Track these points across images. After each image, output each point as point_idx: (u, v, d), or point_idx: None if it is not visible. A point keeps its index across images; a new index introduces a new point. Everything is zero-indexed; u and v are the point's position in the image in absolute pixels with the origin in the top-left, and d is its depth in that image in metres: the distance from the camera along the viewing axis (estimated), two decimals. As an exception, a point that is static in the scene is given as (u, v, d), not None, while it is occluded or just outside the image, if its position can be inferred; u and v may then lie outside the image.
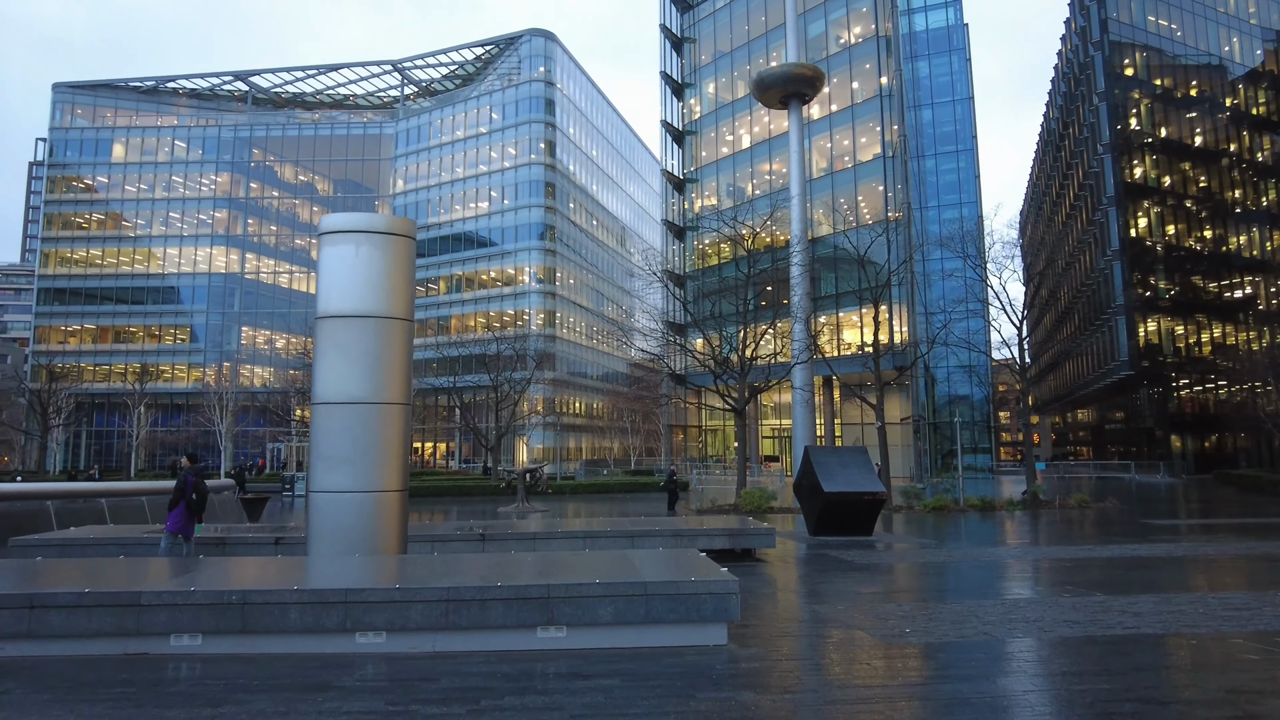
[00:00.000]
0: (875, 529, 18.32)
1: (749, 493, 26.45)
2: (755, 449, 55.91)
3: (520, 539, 12.36)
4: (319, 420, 10.28)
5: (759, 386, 31.46)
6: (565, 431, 70.48)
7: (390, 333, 10.47)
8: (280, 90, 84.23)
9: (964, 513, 25.71)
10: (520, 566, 7.71)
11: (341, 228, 10.56)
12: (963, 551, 14.77)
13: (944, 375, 58.12)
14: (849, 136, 51.13)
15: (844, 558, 13.74)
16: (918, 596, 10.10)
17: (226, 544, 12.18)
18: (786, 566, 12.79)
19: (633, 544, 12.49)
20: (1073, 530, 19.77)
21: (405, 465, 10.56)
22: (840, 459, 18.27)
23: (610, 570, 7.25)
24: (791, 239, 35.03)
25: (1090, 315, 59.87)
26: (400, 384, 10.55)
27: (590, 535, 12.51)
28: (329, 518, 10.01)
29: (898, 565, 13.01)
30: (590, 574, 7.04)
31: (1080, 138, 60.39)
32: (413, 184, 75.77)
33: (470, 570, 7.42)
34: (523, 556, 8.42)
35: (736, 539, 12.81)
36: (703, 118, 60.04)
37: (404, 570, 7.75)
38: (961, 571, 12.33)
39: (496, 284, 70.52)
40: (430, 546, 12.29)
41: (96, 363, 76.78)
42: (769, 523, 22.37)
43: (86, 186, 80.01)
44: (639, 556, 8.15)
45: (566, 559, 8.08)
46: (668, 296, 53.12)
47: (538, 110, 69.61)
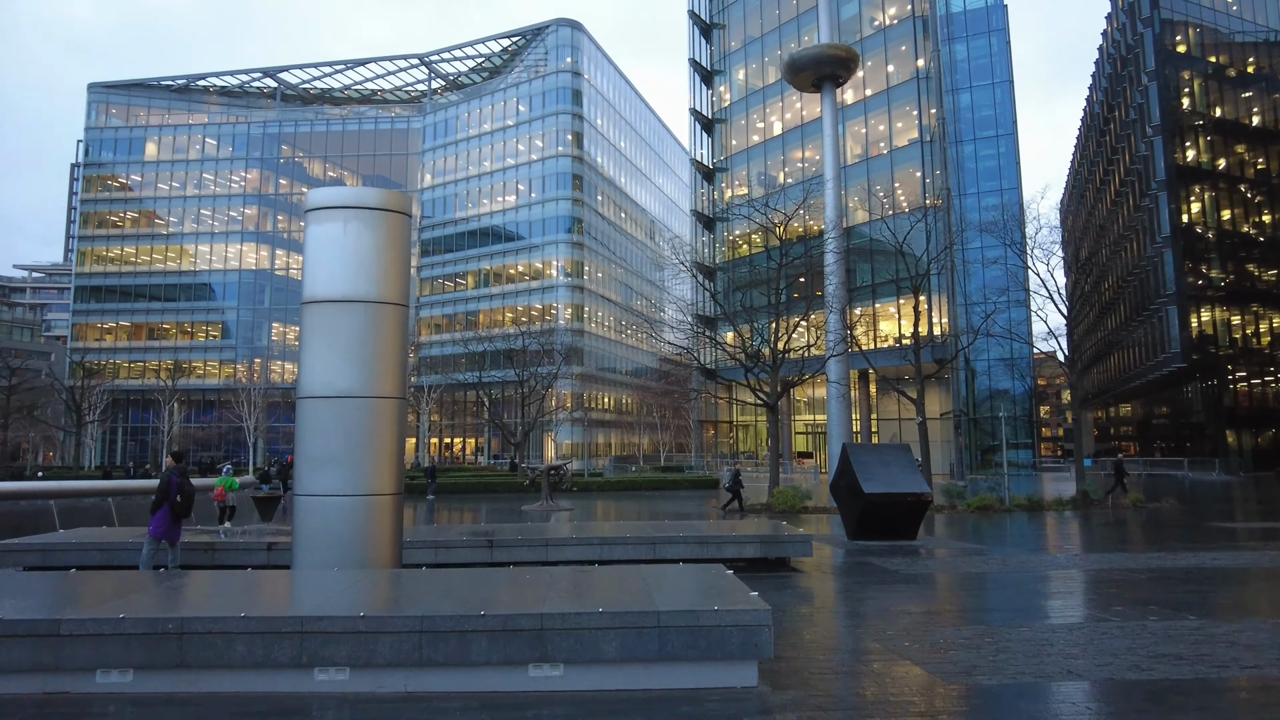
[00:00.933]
0: (918, 532, 17.00)
1: (782, 492, 25.20)
2: (788, 445, 54.49)
3: (531, 545, 11.30)
4: (304, 417, 9.29)
5: (792, 381, 30.14)
6: (593, 427, 69.55)
7: (382, 319, 9.45)
8: (308, 86, 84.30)
9: (1010, 513, 24.25)
10: (514, 587, 6.64)
11: (328, 203, 9.55)
12: (1018, 559, 13.43)
13: (984, 368, 56.04)
14: (884, 121, 49.38)
15: (888, 566, 12.50)
16: (978, 618, 8.84)
17: (215, 550, 11.29)
18: (824, 578, 11.58)
19: (654, 551, 11.38)
20: (1134, 534, 18.26)
21: (399, 466, 9.54)
22: (881, 457, 16.96)
23: (619, 593, 6.15)
24: (826, 225, 33.60)
25: (1138, 306, 57.41)
26: (393, 376, 9.53)
27: (607, 541, 11.41)
28: (316, 524, 9.03)
29: (948, 576, 11.74)
30: (594, 598, 5.94)
31: (1127, 120, 57.88)
32: (440, 178, 75.30)
33: (454, 593, 6.34)
34: (520, 574, 7.32)
35: (769, 547, 11.62)
36: (733, 105, 58.56)
37: (377, 592, 6.72)
38: (1021, 585, 11.02)
39: (524, 278, 69.78)
40: (433, 553, 11.30)
41: (131, 359, 77.57)
42: (803, 524, 21.13)
43: (121, 185, 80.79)
44: (655, 575, 7.01)
45: (569, 578, 6.97)
46: (697, 289, 51.91)
47: (564, 101, 68.64)
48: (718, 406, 63.76)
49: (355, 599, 6.34)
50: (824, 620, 8.65)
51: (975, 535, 18.44)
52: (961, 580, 11.39)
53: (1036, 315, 32.66)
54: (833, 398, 32.91)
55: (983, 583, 11.20)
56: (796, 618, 8.47)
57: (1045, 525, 20.59)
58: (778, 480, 27.53)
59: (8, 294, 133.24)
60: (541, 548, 11.28)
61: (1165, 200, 48.48)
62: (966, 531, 19.56)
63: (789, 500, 24.63)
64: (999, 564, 12.87)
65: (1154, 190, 49.97)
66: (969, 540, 17.02)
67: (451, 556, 11.24)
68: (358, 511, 9.04)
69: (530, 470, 28.80)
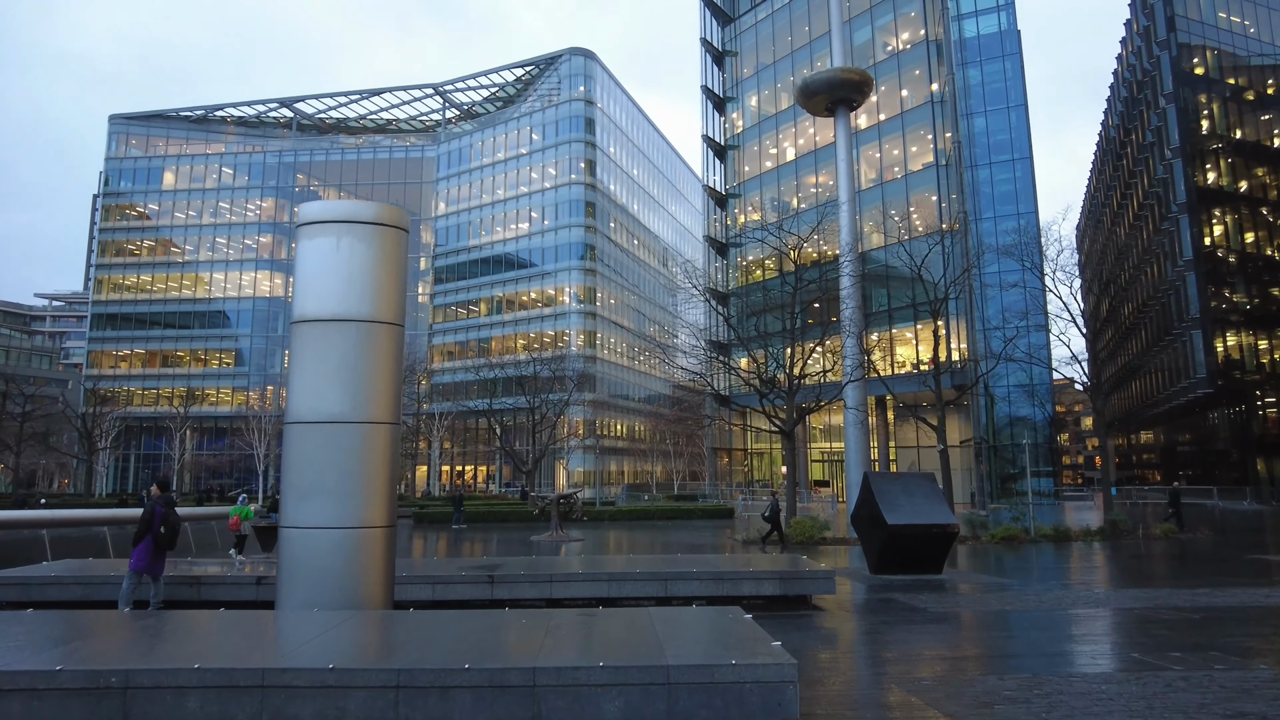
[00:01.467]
0: (944, 566, 16.17)
1: (799, 522, 24.34)
2: (804, 474, 53.48)
3: (535, 580, 10.61)
4: (292, 443, 8.71)
5: (808, 407, 29.39)
6: (606, 455, 68.74)
7: (376, 339, 8.89)
8: (324, 116, 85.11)
9: (1036, 544, 23.32)
10: (508, 634, 5.97)
11: (320, 218, 9.05)
12: (1054, 595, 12.59)
13: (1003, 395, 55.01)
14: (899, 146, 48.99)
15: (915, 604, 11.70)
16: (1021, 664, 8.06)
17: (202, 584, 10.67)
18: (848, 617, 10.81)
19: (666, 588, 10.66)
20: (1172, 567, 17.33)
21: (392, 496, 8.92)
22: (904, 486, 16.19)
23: (624, 642, 5.48)
24: (841, 248, 33.02)
25: (1160, 331, 56.30)
26: (388, 399, 8.95)
27: (616, 577, 10.70)
28: (302, 559, 8.41)
29: (981, 615, 10.93)
30: (596, 648, 5.28)
31: (1144, 144, 57.23)
32: (454, 206, 75.48)
33: (440, 639, 5.68)
34: (516, 618, 6.65)
35: (789, 583, 10.87)
36: (745, 131, 58.41)
37: (356, 637, 6.07)
38: (1062, 625, 10.21)
39: (537, 304, 69.51)
40: (430, 589, 10.64)
41: (145, 386, 77.68)
42: (822, 556, 20.27)
43: (139, 214, 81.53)
44: (665, 619, 6.32)
45: (570, 623, 6.30)
46: (711, 315, 51.33)
47: (578, 129, 68.80)
48: (732, 434, 62.86)
49: (330, 646, 5.70)
50: (851, 667, 7.91)
51: (1003, 568, 17.57)
52: (996, 619, 10.59)
53: (1058, 339, 31.84)
54: (850, 424, 32.09)
55: (1020, 622, 10.40)
56: (821, 665, 7.73)
57: (1075, 557, 19.67)
58: (794, 510, 26.68)
59: (28, 322, 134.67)
60: (546, 584, 10.59)
61: (1186, 223, 47.62)
62: (993, 564, 18.67)
63: (806, 531, 23.79)
64: (1034, 600, 12.05)
65: (1174, 213, 49.15)
66: (997, 574, 16.16)
67: (450, 593, 10.57)
68: (347, 545, 8.42)
69: (539, 500, 28.07)
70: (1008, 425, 56.89)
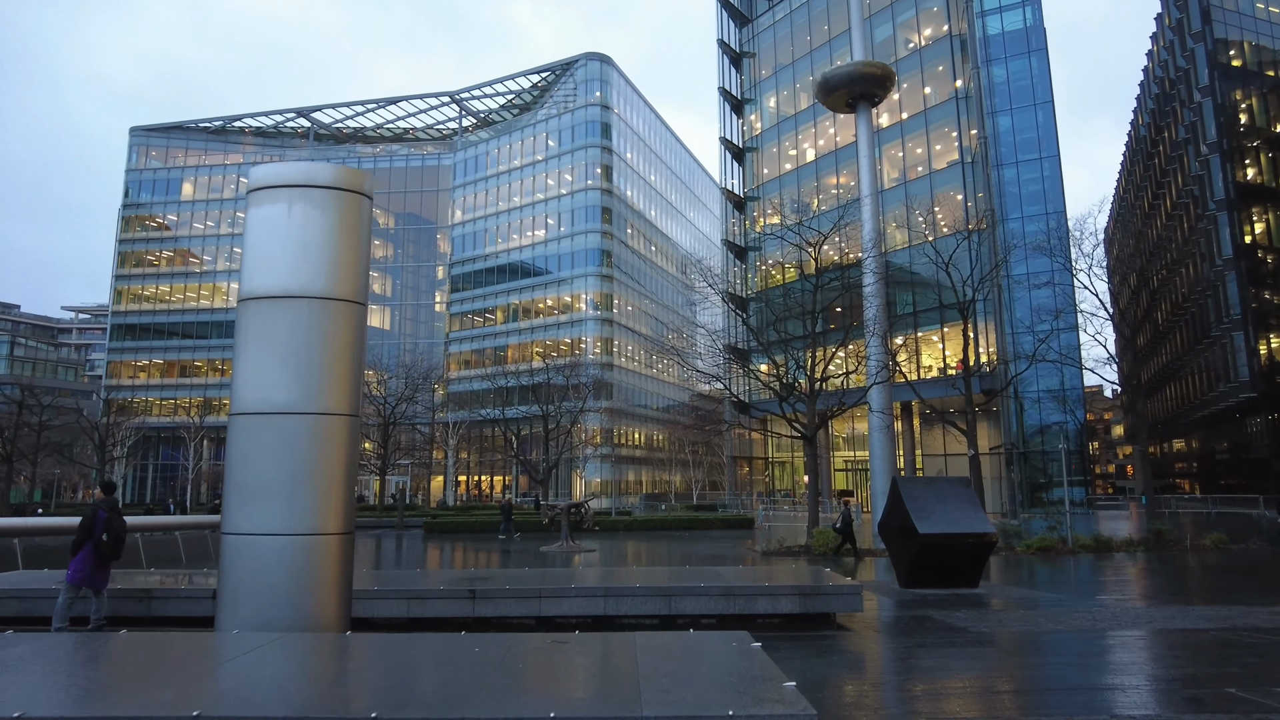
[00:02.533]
0: (980, 579, 14.79)
1: (821, 532, 22.96)
2: (828, 482, 51.91)
3: (521, 596, 9.42)
4: (235, 437, 7.61)
5: (830, 412, 28.03)
6: (623, 464, 67.48)
7: (332, 319, 7.78)
8: (341, 125, 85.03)
9: (1074, 554, 21.84)
10: (446, 668, 4.76)
11: (270, 182, 7.97)
12: (1111, 613, 11.20)
13: (1032, 400, 53.15)
14: (923, 144, 47.58)
15: (952, 622, 10.38)
16: (1088, 699, 6.74)
17: (153, 598, 9.58)
18: (877, 639, 9.50)
19: (670, 605, 9.42)
20: (1231, 582, 15.80)
21: (349, 499, 7.77)
22: (936, 493, 14.82)
23: (593, 681, 4.29)
24: (863, 243, 31.69)
25: (1196, 334, 54.18)
26: (345, 388, 7.82)
27: (613, 592, 9.48)
28: (245, 571, 7.28)
29: (1029, 636, 9.58)
30: (552, 691, 4.09)
31: (1178, 140, 55.30)
32: (471, 214, 74.83)
33: (367, 680, 4.50)
34: (470, 647, 5.41)
35: (810, 600, 9.58)
36: (764, 133, 57.22)
37: (269, 673, 4.91)
38: (1131, 650, 8.84)
39: (553, 312, 68.53)
40: (405, 604, 9.48)
41: (163, 396, 77.61)
42: (846, 568, 18.91)
43: (158, 225, 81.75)
44: (655, 650, 5.08)
45: (535, 655, 5.11)
46: (729, 319, 50.07)
47: (594, 135, 67.93)
48: (752, 443, 61.38)
49: (229, 688, 4.54)
50: (882, 705, 6.64)
51: (1045, 582, 16.13)
52: (1051, 642, 9.24)
53: (1094, 339, 30.23)
54: (875, 429, 30.64)
55: (1080, 646, 9.04)
56: (846, 703, 6.47)
57: (1121, 569, 18.17)
58: (817, 520, 25.30)
59: (55, 335, 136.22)
60: (534, 599, 9.39)
61: (1225, 220, 45.69)
62: (1032, 576, 17.22)
63: (830, 542, 22.41)
64: (1089, 618, 10.66)
65: (1211, 211, 47.23)
66: (1038, 588, 14.74)
67: (427, 609, 9.41)
68: (296, 555, 7.29)
69: (549, 509, 26.89)
70: (1038, 432, 55.00)
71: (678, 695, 3.94)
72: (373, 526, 40.73)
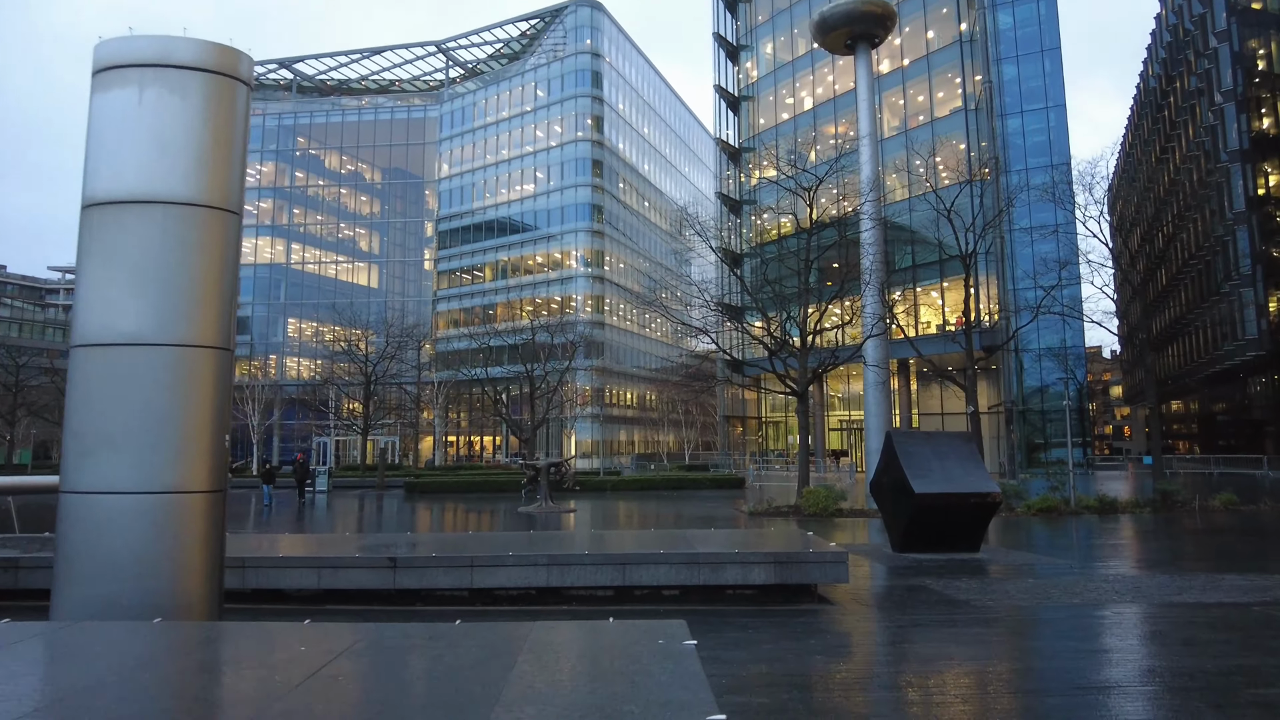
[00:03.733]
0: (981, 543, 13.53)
1: (812, 492, 21.71)
2: (821, 442, 50.79)
3: (450, 566, 8.07)
4: (76, 374, 6.17)
5: (823, 367, 26.63)
6: (614, 424, 66.34)
7: (197, 230, 6.29)
8: (324, 77, 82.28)
9: (1078, 515, 20.70)
10: (224, 684, 3.38)
11: (118, 60, 6.41)
12: (1130, 582, 9.90)
13: (1033, 358, 51.84)
14: (924, 90, 45.56)
15: (952, 594, 9.08)
16: (1124, 698, 5.42)
17: (20, 568, 8.22)
18: (864, 614, 8.18)
19: (624, 575, 8.09)
20: (1255, 547, 14.55)
21: (219, 451, 6.36)
22: (935, 448, 13.47)
23: (432, 704, 2.90)
24: (861, 187, 30.03)
25: (1201, 292, 52.68)
26: (214, 315, 6.36)
27: (559, 561, 8.13)
28: (85, 539, 5.90)
29: (1045, 614, 8.26)
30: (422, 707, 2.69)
31: (1190, 90, 53.20)
32: (458, 167, 72.60)
33: (149, 698, 3.11)
34: (292, 640, 4.05)
35: (787, 569, 8.22)
36: (760, 81, 55.00)
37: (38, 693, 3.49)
38: (1163, 629, 7.53)
39: (543, 269, 66.76)
40: (316, 575, 8.14)
41: (147, 357, 76.05)
42: (837, 530, 17.65)
43: (137, 180, 79.43)
44: (546, 646, 3.64)
45: (373, 653, 3.72)
46: (721, 273, 48.43)
47: (584, 84, 65.47)
48: (745, 402, 60.18)
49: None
50: (872, 705, 5.31)
51: (1051, 545, 14.88)
52: (1067, 621, 7.91)
53: (1101, 291, 28.75)
54: (870, 385, 29.30)
55: (1100, 627, 7.73)
56: (817, 708, 5.14)
57: (1131, 533, 16.94)
58: (808, 479, 24.04)
59: (42, 295, 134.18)
60: (465, 569, 8.05)
61: (1238, 172, 43.89)
62: (1036, 540, 15.98)
63: (820, 502, 21.17)
64: (1108, 589, 9.35)
65: (1224, 163, 45.39)
66: (1046, 552, 13.48)
67: (340, 580, 8.07)
68: (150, 519, 5.90)
69: (528, 468, 25.63)
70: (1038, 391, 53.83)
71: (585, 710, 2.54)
72: (354, 487, 39.62)
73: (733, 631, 6.98)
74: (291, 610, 8.14)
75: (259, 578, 8.15)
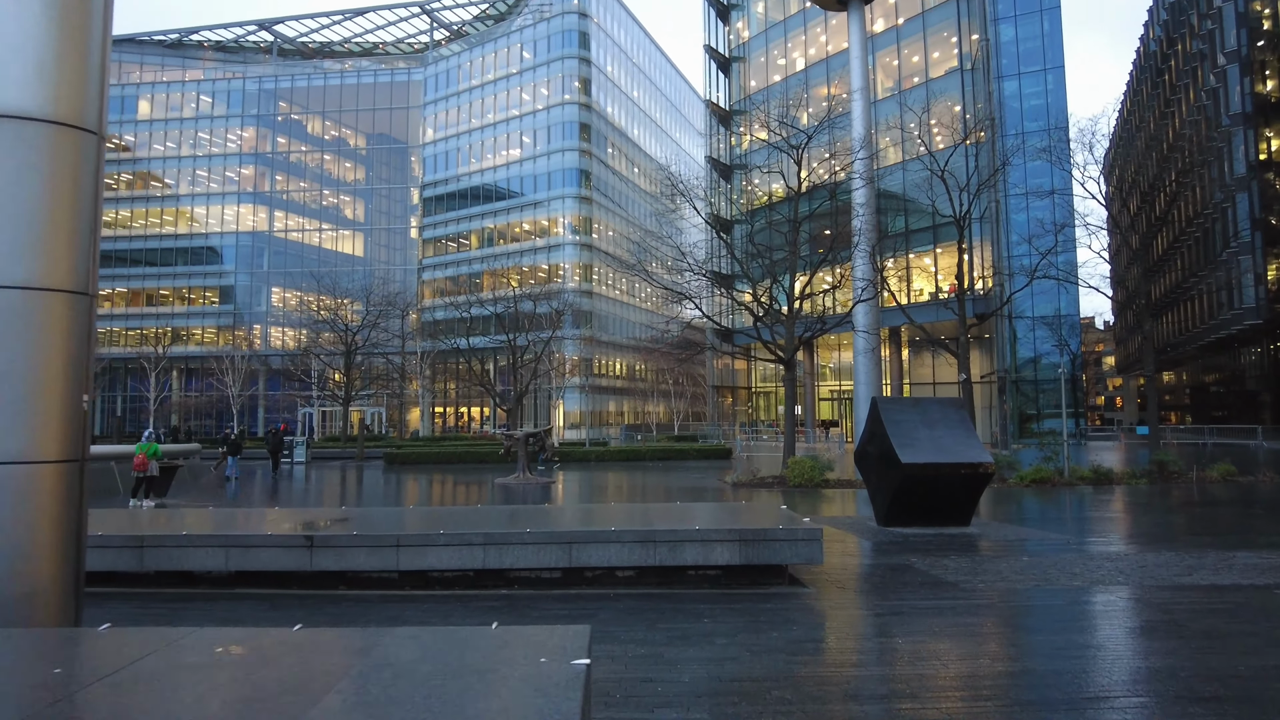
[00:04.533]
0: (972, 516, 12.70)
1: (797, 462, 20.90)
2: (811, 412, 50.06)
3: (374, 546, 7.14)
4: (-102, 325, 5.15)
5: (812, 332, 25.68)
6: (603, 395, 65.47)
7: (42, 151, 5.24)
8: (306, 40, 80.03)
9: (1072, 487, 19.96)
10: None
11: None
12: (1131, 561, 9.06)
13: (1026, 327, 51.03)
14: (919, 50, 44.16)
15: (939, 574, 8.22)
16: (1153, 696, 4.54)
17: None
18: (840, 600, 7.29)
19: (569, 555, 7.18)
20: (1261, 521, 13.75)
21: (75, 414, 5.36)
22: (924, 415, 12.56)
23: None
24: (853, 142, 28.87)
25: (1198, 261, 51.76)
26: (66, 253, 5.32)
27: (494, 540, 7.21)
28: (-89, 518, 4.94)
29: (1046, 598, 7.39)
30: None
31: (1192, 53, 51.85)
32: (443, 132, 70.84)
33: None
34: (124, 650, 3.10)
35: (754, 548, 7.31)
36: (751, 41, 53.41)
37: None
38: (1169, 622, 6.66)
39: (530, 236, 65.35)
40: (224, 555, 7.21)
41: (128, 326, 74.67)
42: (824, 502, 16.83)
43: (115, 145, 77.35)
44: (391, 674, 2.70)
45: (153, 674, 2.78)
46: (710, 238, 47.26)
47: (571, 45, 63.64)
48: (736, 372, 59.36)
49: None
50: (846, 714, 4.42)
51: (1045, 519, 14.07)
52: (1071, 607, 7.02)
53: (1099, 255, 27.78)
54: (860, 352, 28.37)
55: (1109, 614, 6.86)
56: (790, 708, 4.25)
57: (1129, 504, 16.16)
58: (794, 449, 23.20)
59: None
60: (391, 550, 7.12)
61: (1240, 137, 42.77)
62: (1029, 512, 15.18)
63: (806, 472, 20.37)
64: (1110, 569, 8.50)
65: (1226, 126, 44.24)
66: (1040, 526, 12.65)
67: (251, 560, 7.14)
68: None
69: (506, 438, 24.74)
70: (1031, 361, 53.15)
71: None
72: (334, 458, 38.76)
73: (684, 621, 6.10)
74: (197, 595, 7.23)
75: (159, 559, 7.22)
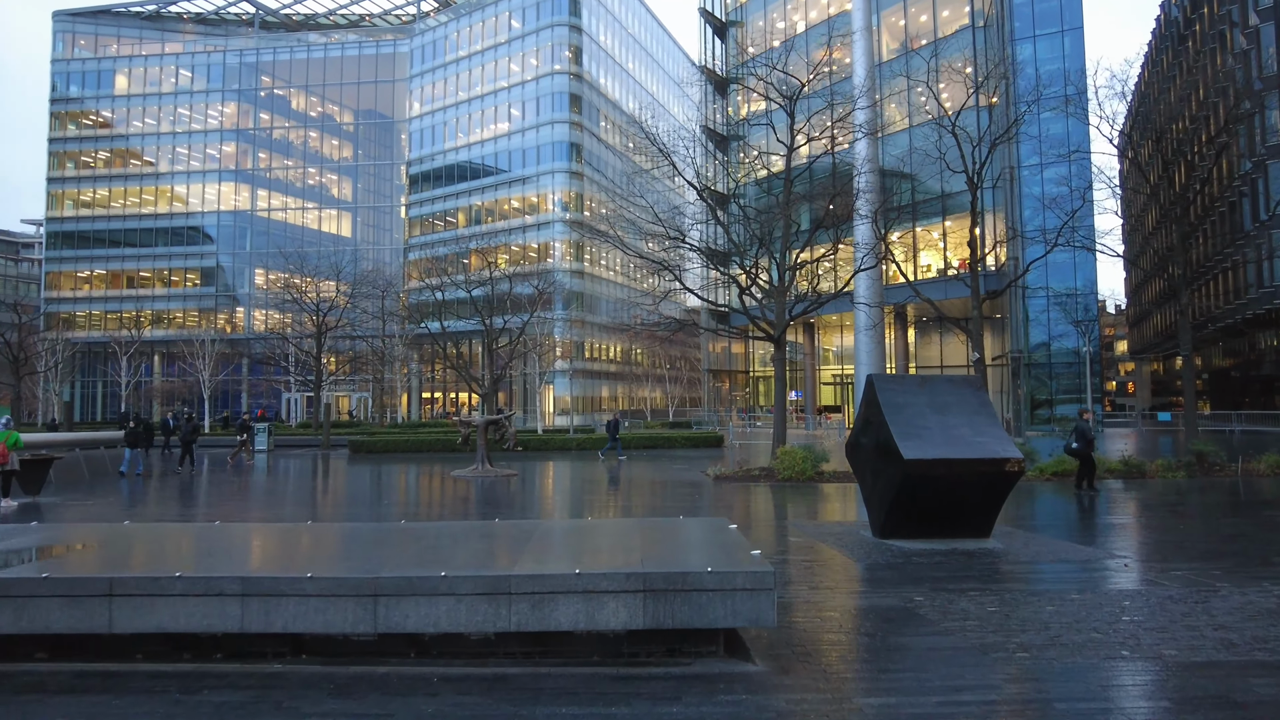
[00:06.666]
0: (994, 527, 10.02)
1: (788, 452, 18.15)
2: (812, 398, 47.36)
3: (68, 595, 4.50)
4: None
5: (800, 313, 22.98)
6: (595, 379, 62.80)
7: None
8: (290, 11, 77.03)
9: (1100, 480, 17.21)
10: None
11: None
12: (1231, 603, 6.41)
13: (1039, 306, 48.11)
14: (928, 8, 41.10)
15: (956, 628, 5.58)
16: None
17: None
18: (807, 682, 4.62)
19: (375, 614, 4.53)
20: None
21: None
22: (932, 397, 9.84)
23: None
24: (855, 86, 26.05)
25: (1224, 238, 48.67)
26: None
27: (257, 590, 4.54)
28: None
29: (1124, 674, 4.74)
30: None
31: (1218, 15, 48.61)
32: (430, 105, 67.95)
33: None
34: None
35: (663, 604, 4.61)
36: (749, 3, 50.29)
37: None
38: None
39: (519, 213, 62.51)
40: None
41: (107, 309, 72.29)
42: (813, 500, 13.86)
43: (93, 122, 74.71)
44: None
45: None
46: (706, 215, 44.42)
47: (561, 12, 60.56)
48: (733, 357, 56.63)
49: None
50: None
51: (1079, 525, 11.39)
52: (1179, 689, 4.39)
53: (1117, 215, 24.91)
54: (861, 329, 25.65)
55: (1256, 700, 4.22)
56: None
57: (1178, 505, 13.48)
58: (784, 437, 20.49)
59: (17, 250, 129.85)
60: (102, 599, 4.48)
61: (1275, 98, 39.68)
62: (1058, 516, 12.52)
63: (797, 464, 17.61)
64: (1214, 617, 5.85)
65: (1258, 89, 41.12)
66: (1077, 537, 9.97)
67: None
68: None
69: (463, 424, 22.14)
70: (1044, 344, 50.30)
71: None
72: (300, 446, 36.28)
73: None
74: None
75: None
